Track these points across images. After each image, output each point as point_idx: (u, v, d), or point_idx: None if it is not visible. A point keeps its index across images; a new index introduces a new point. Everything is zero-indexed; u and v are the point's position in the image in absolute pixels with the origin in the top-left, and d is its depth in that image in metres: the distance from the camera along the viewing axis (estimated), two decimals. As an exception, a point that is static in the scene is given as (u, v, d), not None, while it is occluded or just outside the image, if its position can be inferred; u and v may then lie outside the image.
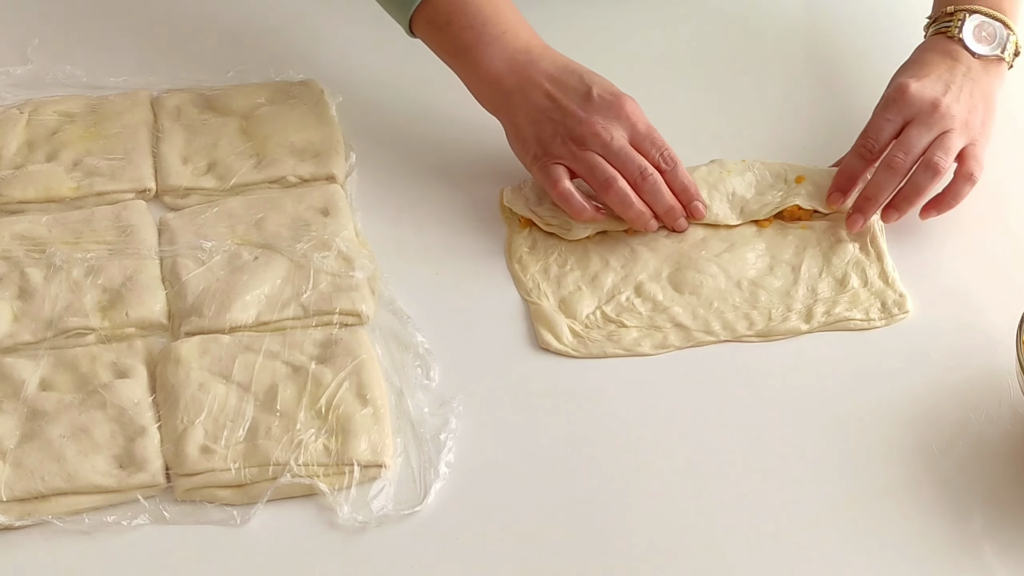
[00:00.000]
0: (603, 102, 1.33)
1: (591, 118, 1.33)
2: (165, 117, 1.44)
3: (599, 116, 1.33)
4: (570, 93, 1.34)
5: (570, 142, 1.33)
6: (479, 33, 1.37)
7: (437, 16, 1.39)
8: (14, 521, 1.14)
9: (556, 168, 1.33)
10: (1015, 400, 1.22)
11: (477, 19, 1.37)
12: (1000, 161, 1.44)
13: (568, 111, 1.33)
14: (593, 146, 1.32)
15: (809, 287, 1.32)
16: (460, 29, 1.38)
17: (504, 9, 1.39)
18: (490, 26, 1.37)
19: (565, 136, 1.33)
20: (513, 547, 1.14)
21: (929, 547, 1.14)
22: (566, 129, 1.33)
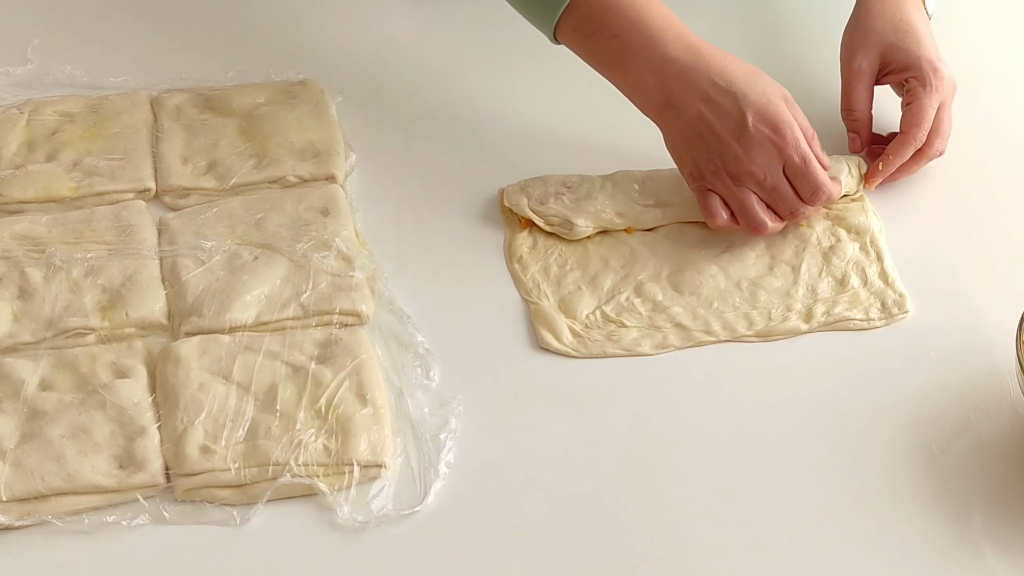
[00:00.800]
0: (759, 135, 1.29)
1: (748, 154, 1.29)
2: (165, 117, 1.44)
3: (755, 154, 1.29)
4: (725, 119, 1.29)
5: (725, 176, 1.30)
6: (625, 43, 1.31)
7: (583, 25, 1.33)
8: (14, 521, 1.14)
9: (713, 200, 1.31)
10: (1015, 400, 1.22)
11: (623, 26, 1.31)
12: (1000, 161, 1.44)
13: (723, 142, 1.29)
14: (748, 184, 1.30)
15: (809, 287, 1.32)
16: (606, 39, 1.32)
17: (651, 10, 1.32)
18: (635, 33, 1.31)
19: (720, 168, 1.30)
20: (513, 547, 1.14)
21: (929, 547, 1.14)
22: (722, 161, 1.30)
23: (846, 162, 1.38)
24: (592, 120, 1.47)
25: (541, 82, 1.51)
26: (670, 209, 1.36)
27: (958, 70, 1.46)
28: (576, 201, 1.36)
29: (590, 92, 1.49)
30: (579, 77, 1.51)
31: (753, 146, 1.29)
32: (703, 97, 1.30)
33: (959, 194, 1.41)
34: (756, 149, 1.29)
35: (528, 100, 1.49)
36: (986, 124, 1.48)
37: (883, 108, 1.44)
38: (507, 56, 1.54)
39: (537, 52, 1.53)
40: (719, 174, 1.30)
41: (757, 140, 1.29)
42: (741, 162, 1.29)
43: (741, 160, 1.29)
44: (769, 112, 1.29)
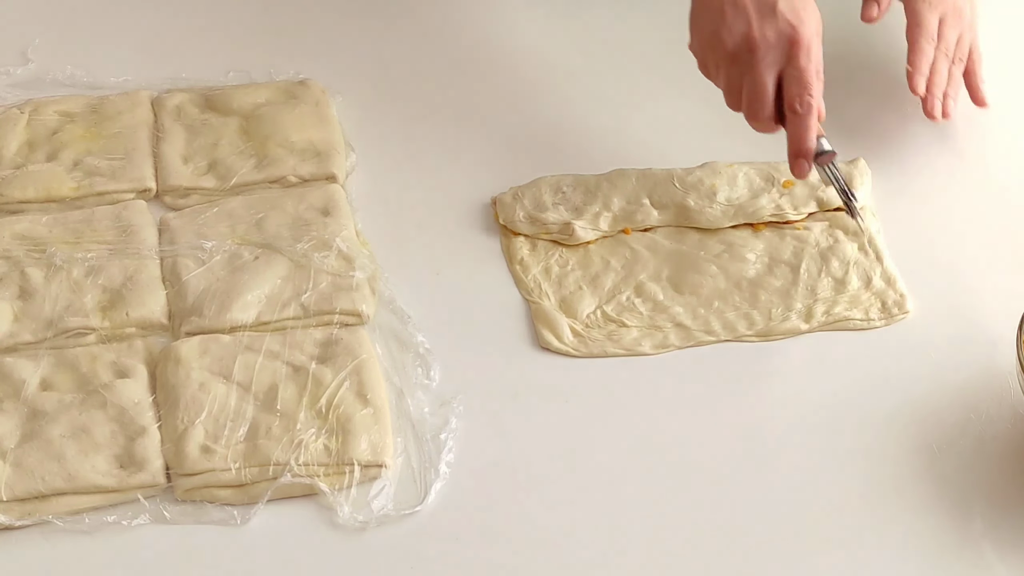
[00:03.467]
0: (782, 20, 1.27)
1: (760, 29, 1.27)
2: (165, 117, 1.44)
3: (768, 31, 1.27)
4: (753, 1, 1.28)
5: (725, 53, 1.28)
6: None
7: None
8: (14, 521, 1.14)
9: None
10: (1015, 400, 1.22)
11: None
12: (1001, 160, 1.44)
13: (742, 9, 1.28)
14: (744, 71, 1.28)
15: (809, 287, 1.32)
16: None
17: None
18: None
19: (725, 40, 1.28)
20: (513, 547, 1.14)
21: (929, 547, 1.14)
22: (729, 30, 1.28)
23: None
24: (592, 120, 1.47)
25: (541, 82, 1.51)
26: (664, 211, 1.36)
27: (958, 70, 1.47)
28: (574, 208, 1.36)
29: (590, 92, 1.50)
30: (580, 77, 1.51)
31: (768, 26, 1.28)
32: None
33: (959, 194, 1.41)
34: (770, 29, 1.28)
35: (528, 100, 1.49)
36: (986, 124, 1.48)
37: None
38: (507, 56, 1.54)
39: (537, 52, 1.54)
40: (719, 48, 1.29)
41: (776, 24, 1.27)
42: (748, 34, 1.27)
43: (749, 32, 1.27)
44: (802, 15, 1.29)
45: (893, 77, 1.51)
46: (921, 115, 1.47)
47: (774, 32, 1.27)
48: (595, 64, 1.53)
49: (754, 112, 1.29)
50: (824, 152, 1.30)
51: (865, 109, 1.48)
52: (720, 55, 1.29)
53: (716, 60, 1.30)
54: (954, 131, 1.47)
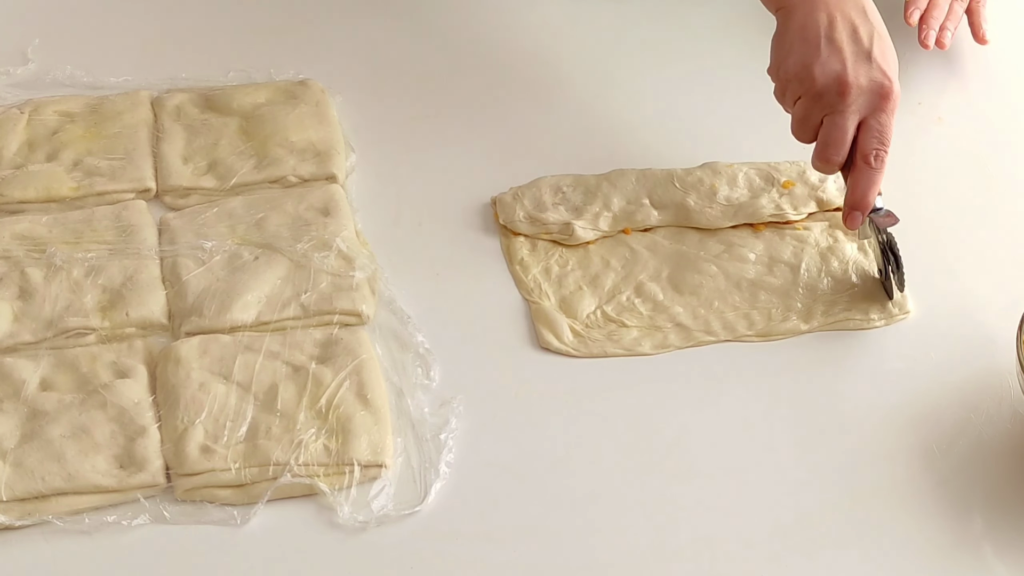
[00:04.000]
0: (876, 69, 1.26)
1: (853, 75, 1.26)
2: (165, 117, 1.44)
3: (861, 77, 1.26)
4: (852, 38, 1.27)
5: (809, 90, 1.27)
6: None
7: None
8: (14, 521, 1.14)
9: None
10: (1015, 400, 1.22)
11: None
12: (1001, 160, 1.44)
13: (837, 51, 1.26)
14: (823, 107, 1.27)
15: (808, 287, 1.32)
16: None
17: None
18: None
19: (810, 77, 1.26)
20: (513, 547, 1.14)
21: (929, 547, 1.14)
22: (822, 69, 1.26)
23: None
24: (592, 120, 1.47)
25: (541, 82, 1.51)
26: (664, 211, 1.36)
27: (958, 70, 1.47)
28: (574, 208, 1.36)
29: (590, 92, 1.50)
30: (580, 77, 1.51)
31: (862, 72, 1.26)
32: (844, 11, 1.27)
33: (959, 194, 1.41)
34: (863, 76, 1.26)
35: (528, 100, 1.49)
36: (986, 123, 1.48)
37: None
38: (507, 56, 1.54)
39: (537, 52, 1.54)
40: (808, 82, 1.27)
41: (870, 71, 1.27)
42: (842, 76, 1.26)
43: (843, 74, 1.26)
44: (891, 66, 1.28)
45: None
46: (921, 115, 1.47)
47: (867, 79, 1.26)
48: (595, 64, 1.53)
49: (827, 155, 1.28)
50: (878, 210, 1.29)
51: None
52: (807, 89, 1.27)
53: (800, 92, 1.28)
54: (954, 131, 1.47)
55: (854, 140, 1.28)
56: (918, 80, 1.51)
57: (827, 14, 1.28)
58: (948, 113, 1.48)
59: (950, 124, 1.48)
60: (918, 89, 1.50)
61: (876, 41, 1.27)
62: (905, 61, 1.50)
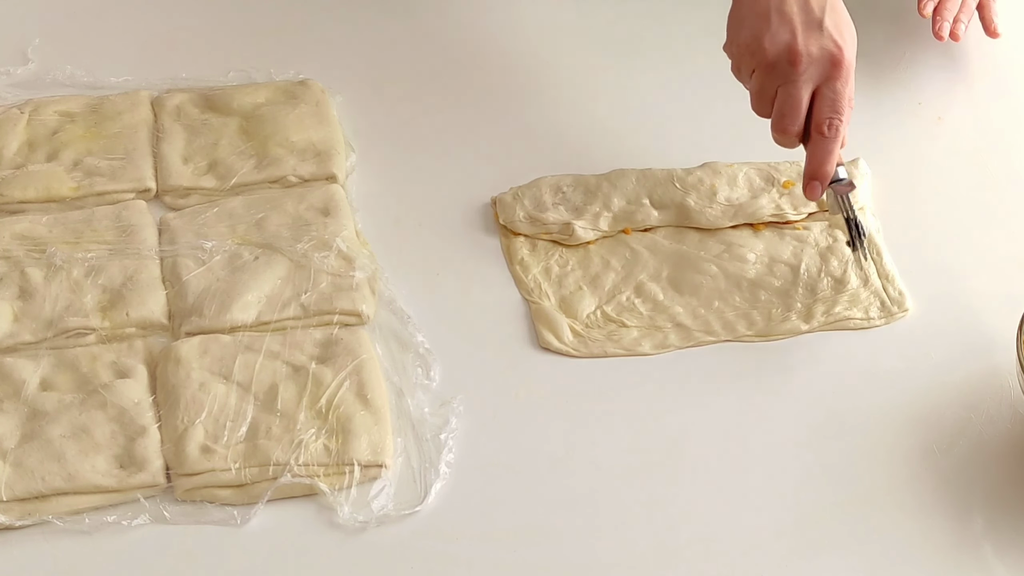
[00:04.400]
0: (827, 37, 1.25)
1: (804, 42, 1.25)
2: (166, 117, 1.44)
3: (812, 46, 1.25)
4: (804, 7, 1.26)
5: (763, 60, 1.26)
6: None
7: None
8: (14, 521, 1.14)
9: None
10: (1015, 400, 1.22)
11: None
12: (1000, 160, 1.44)
13: (788, 21, 1.26)
14: (780, 82, 1.27)
15: (808, 287, 1.32)
16: None
17: None
18: None
19: (763, 47, 1.26)
20: (513, 547, 1.14)
21: (929, 547, 1.14)
22: (772, 39, 1.26)
23: None
24: (592, 120, 1.47)
25: (541, 82, 1.51)
26: (665, 211, 1.36)
27: (958, 69, 1.47)
28: (574, 208, 1.36)
29: (590, 92, 1.50)
30: (580, 77, 1.51)
31: (813, 41, 1.26)
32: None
33: (959, 194, 1.41)
34: (814, 45, 1.26)
35: (528, 100, 1.49)
36: (986, 123, 1.48)
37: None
38: (507, 56, 1.54)
39: (537, 52, 1.54)
40: (759, 54, 1.26)
41: (821, 40, 1.26)
42: (792, 46, 1.25)
43: (793, 44, 1.25)
44: (845, 35, 1.27)
45: (893, 77, 1.51)
46: (921, 115, 1.47)
47: (818, 48, 1.26)
48: (595, 64, 1.53)
49: (783, 126, 1.28)
50: (840, 180, 1.29)
51: (865, 109, 1.48)
52: (759, 61, 1.27)
53: (753, 65, 1.28)
54: (954, 131, 1.47)
55: (811, 110, 1.27)
56: (918, 80, 1.51)
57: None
58: (948, 113, 1.48)
59: (950, 124, 1.47)
60: (918, 89, 1.50)
61: (828, 12, 1.27)
62: (906, 60, 1.52)
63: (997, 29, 1.51)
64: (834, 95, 1.27)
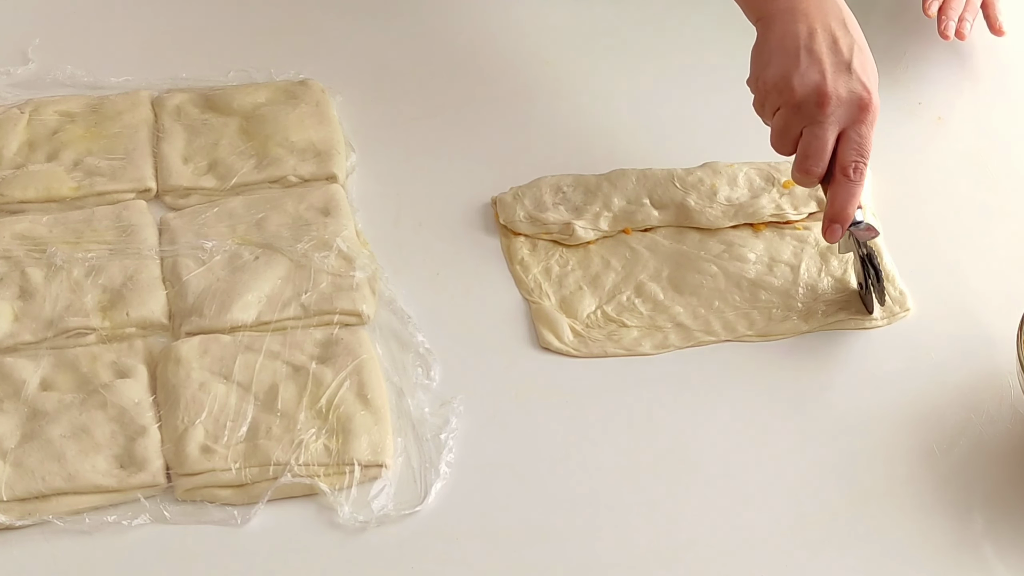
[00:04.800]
0: (855, 81, 1.25)
1: (832, 86, 1.25)
2: (166, 117, 1.44)
3: (840, 89, 1.25)
4: (832, 49, 1.26)
5: (789, 100, 1.26)
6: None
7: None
8: (15, 521, 1.14)
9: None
10: (1015, 400, 1.22)
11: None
12: (1001, 160, 1.44)
13: (817, 62, 1.25)
14: (806, 122, 1.26)
15: (809, 286, 1.32)
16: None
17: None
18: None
19: (790, 87, 1.25)
20: (513, 547, 1.14)
21: (929, 547, 1.14)
22: (801, 80, 1.25)
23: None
24: (592, 120, 1.47)
25: (541, 82, 1.51)
26: (665, 211, 1.36)
27: (957, 70, 1.47)
28: (575, 208, 1.36)
29: (590, 92, 1.50)
30: (580, 77, 1.51)
31: (842, 83, 1.25)
32: (825, 22, 1.27)
33: (959, 194, 1.41)
34: (843, 87, 1.25)
35: (528, 100, 1.49)
36: (986, 123, 1.48)
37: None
38: (507, 56, 1.54)
39: (537, 52, 1.54)
40: (787, 93, 1.26)
41: (850, 82, 1.26)
42: (821, 87, 1.25)
43: (822, 85, 1.25)
44: (871, 77, 1.27)
45: (893, 77, 1.51)
46: (921, 115, 1.47)
47: (847, 91, 1.25)
48: (595, 64, 1.53)
49: (807, 167, 1.27)
50: (858, 223, 1.28)
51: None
52: (786, 100, 1.26)
53: (779, 103, 1.27)
54: (954, 131, 1.47)
55: (834, 152, 1.27)
56: (918, 80, 1.51)
57: (807, 25, 1.27)
58: (948, 113, 1.48)
59: (950, 124, 1.48)
60: (918, 89, 1.50)
61: (856, 53, 1.26)
62: (906, 60, 1.52)
63: (1002, 27, 1.51)
64: (860, 138, 1.26)
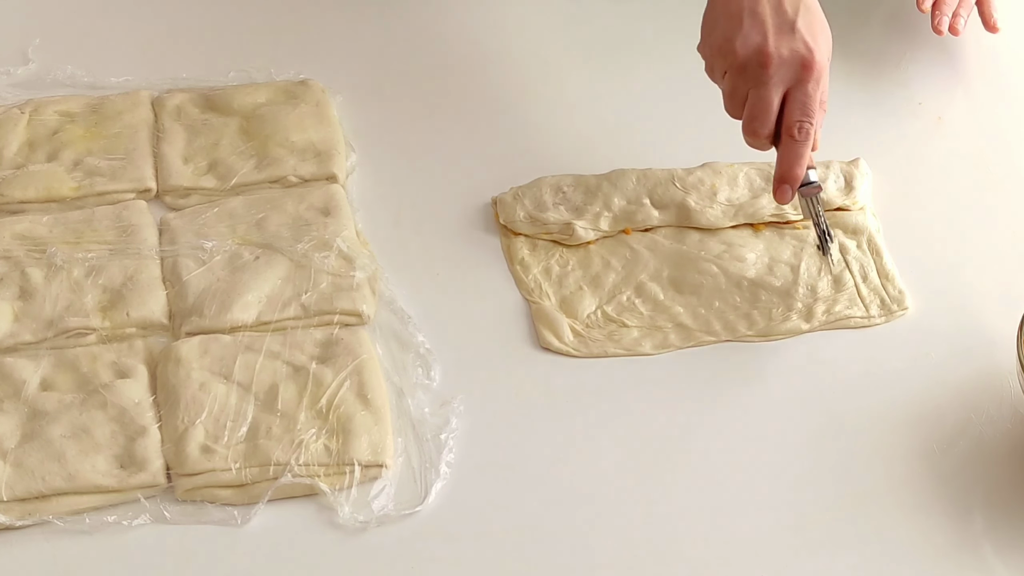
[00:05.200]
0: (799, 39, 1.24)
1: (775, 43, 1.24)
2: (166, 117, 1.44)
3: (783, 48, 1.24)
4: (777, 7, 1.25)
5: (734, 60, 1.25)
6: None
7: None
8: (15, 521, 1.14)
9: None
10: (1015, 400, 1.22)
11: None
12: (1001, 160, 1.44)
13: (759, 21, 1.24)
14: (751, 84, 1.25)
15: (809, 286, 1.32)
16: None
17: None
18: None
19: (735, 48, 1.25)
20: (513, 547, 1.14)
21: (929, 547, 1.14)
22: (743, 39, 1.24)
23: (834, 169, 1.38)
24: (592, 120, 1.47)
25: (541, 82, 1.51)
26: (665, 211, 1.36)
27: (957, 70, 1.46)
28: (575, 208, 1.36)
29: (590, 92, 1.50)
30: (580, 77, 1.51)
31: (784, 43, 1.25)
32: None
33: (959, 194, 1.41)
34: (785, 47, 1.25)
35: (528, 100, 1.49)
36: (986, 123, 1.48)
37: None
38: (507, 56, 1.54)
39: (537, 51, 1.54)
40: (731, 56, 1.25)
41: (792, 42, 1.24)
42: (763, 48, 1.24)
43: (764, 46, 1.24)
44: (818, 38, 1.26)
45: (893, 77, 1.51)
46: (921, 115, 1.47)
47: (789, 50, 1.24)
48: (595, 64, 1.53)
49: (754, 128, 1.27)
50: (809, 183, 1.28)
51: (865, 109, 1.48)
52: (730, 62, 1.26)
53: (725, 66, 1.27)
54: (954, 131, 1.47)
55: (781, 113, 1.26)
56: (918, 80, 1.51)
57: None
58: (948, 113, 1.48)
59: (950, 124, 1.48)
60: (918, 89, 1.50)
61: (803, 13, 1.25)
62: (906, 60, 1.52)
63: (997, 24, 1.51)
64: (805, 98, 1.25)
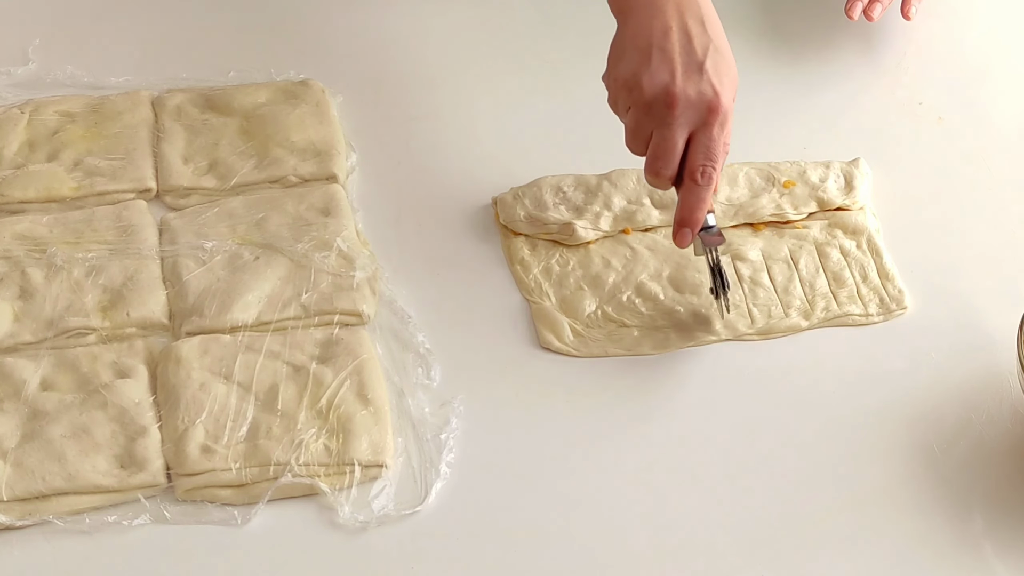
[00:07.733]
0: (705, 82, 1.21)
1: (682, 85, 1.21)
2: (166, 117, 1.44)
3: (690, 90, 1.21)
4: (685, 48, 1.22)
5: (640, 99, 1.23)
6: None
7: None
8: (15, 521, 1.14)
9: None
10: (1015, 400, 1.22)
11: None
12: (1001, 160, 1.44)
13: (669, 61, 1.22)
14: (655, 123, 1.23)
15: (808, 284, 1.32)
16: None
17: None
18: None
19: (641, 85, 1.22)
20: (513, 547, 1.14)
21: (929, 547, 1.14)
22: (651, 78, 1.22)
23: (834, 169, 1.38)
24: (592, 120, 1.47)
25: (541, 81, 1.51)
26: (665, 211, 1.36)
27: (958, 69, 1.46)
28: (575, 208, 1.36)
29: (590, 92, 1.50)
30: (580, 76, 1.51)
31: (691, 84, 1.22)
32: (681, 20, 1.23)
33: (959, 194, 1.41)
34: (692, 88, 1.22)
35: (528, 100, 1.49)
36: (986, 123, 1.48)
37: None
38: (507, 56, 1.54)
39: (538, 51, 1.54)
40: (636, 92, 1.23)
41: (700, 84, 1.22)
42: (670, 88, 1.21)
43: (671, 86, 1.21)
44: (724, 80, 1.23)
45: (893, 77, 1.51)
46: (921, 115, 1.48)
47: (696, 92, 1.21)
48: (595, 64, 1.53)
49: (656, 168, 1.24)
50: (709, 228, 1.25)
51: (865, 109, 1.48)
52: (635, 99, 1.23)
53: (630, 102, 1.24)
54: (953, 131, 1.47)
55: (685, 154, 1.24)
56: (918, 80, 1.51)
57: (662, 22, 1.23)
58: (948, 113, 1.48)
59: (950, 124, 1.48)
60: (918, 89, 1.50)
61: (711, 54, 1.23)
62: (906, 60, 1.52)
63: (911, 12, 1.49)
64: (709, 142, 1.23)
